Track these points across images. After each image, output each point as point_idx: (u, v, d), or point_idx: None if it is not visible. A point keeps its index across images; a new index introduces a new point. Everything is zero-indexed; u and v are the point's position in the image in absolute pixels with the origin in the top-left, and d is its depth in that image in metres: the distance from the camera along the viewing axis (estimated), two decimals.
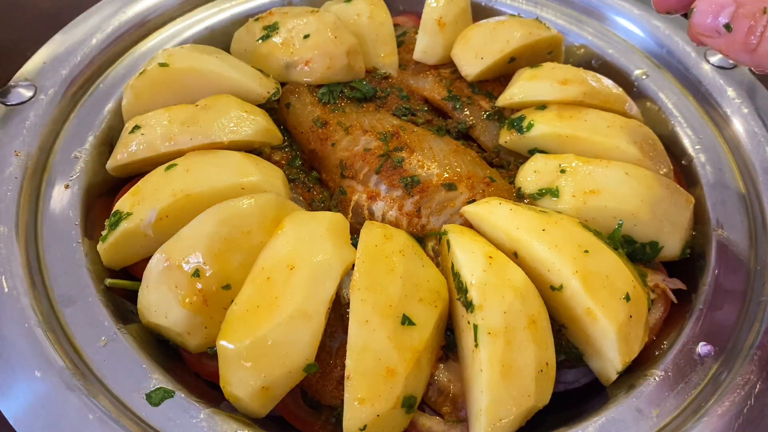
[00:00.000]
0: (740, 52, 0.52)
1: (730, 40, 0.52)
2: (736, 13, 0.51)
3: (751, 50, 0.51)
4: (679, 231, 0.68)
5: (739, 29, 0.51)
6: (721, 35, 0.52)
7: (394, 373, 0.53)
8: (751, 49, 0.51)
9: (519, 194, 0.70)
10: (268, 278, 0.57)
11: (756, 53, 0.51)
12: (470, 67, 0.82)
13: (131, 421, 0.55)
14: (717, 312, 0.66)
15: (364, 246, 0.60)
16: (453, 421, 0.60)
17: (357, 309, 0.55)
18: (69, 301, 0.63)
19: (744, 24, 0.50)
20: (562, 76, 0.77)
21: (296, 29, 0.80)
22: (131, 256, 0.67)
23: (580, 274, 0.57)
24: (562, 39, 0.84)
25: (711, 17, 0.52)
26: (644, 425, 0.58)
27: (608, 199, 0.66)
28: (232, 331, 0.55)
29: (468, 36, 0.83)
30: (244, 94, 0.76)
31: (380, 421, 0.52)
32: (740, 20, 0.51)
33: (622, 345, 0.58)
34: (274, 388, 0.54)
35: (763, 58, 0.51)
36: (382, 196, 0.70)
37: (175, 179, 0.65)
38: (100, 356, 0.59)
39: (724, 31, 0.52)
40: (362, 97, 0.80)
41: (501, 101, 0.79)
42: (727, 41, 0.52)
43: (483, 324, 0.55)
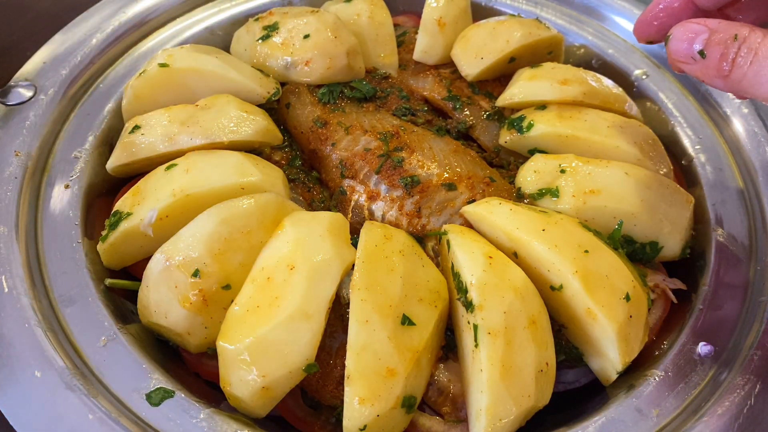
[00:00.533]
0: (714, 77, 0.53)
1: (704, 66, 0.53)
2: (709, 39, 0.52)
3: (724, 76, 0.52)
4: (679, 231, 0.68)
5: (712, 56, 0.52)
6: (696, 61, 0.53)
7: (394, 373, 0.53)
8: (724, 75, 0.52)
9: (519, 194, 0.70)
10: (268, 278, 0.57)
11: (729, 79, 0.52)
12: (470, 67, 0.82)
13: (131, 421, 0.55)
14: (717, 312, 0.66)
15: (364, 246, 0.60)
16: (453, 421, 0.60)
17: (357, 309, 0.55)
18: (69, 301, 0.63)
19: (717, 51, 0.52)
20: (562, 76, 0.77)
21: (296, 29, 0.80)
22: (131, 256, 0.67)
23: (580, 274, 0.57)
24: (562, 39, 0.84)
25: (686, 44, 0.53)
26: (644, 425, 0.58)
27: (608, 199, 0.66)
28: (232, 331, 0.55)
29: (468, 36, 0.83)
30: (244, 94, 0.76)
31: (380, 421, 0.52)
32: (713, 47, 0.52)
33: (622, 345, 0.58)
34: (274, 388, 0.54)
35: (735, 83, 0.52)
36: (382, 196, 0.70)
37: (175, 179, 0.65)
38: (100, 356, 0.59)
39: (699, 58, 0.53)
40: (362, 97, 0.80)
41: (501, 101, 0.79)
42: (702, 67, 0.53)
43: (483, 324, 0.55)
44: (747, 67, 0.51)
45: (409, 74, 0.86)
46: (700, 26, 0.53)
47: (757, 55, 0.50)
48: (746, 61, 0.51)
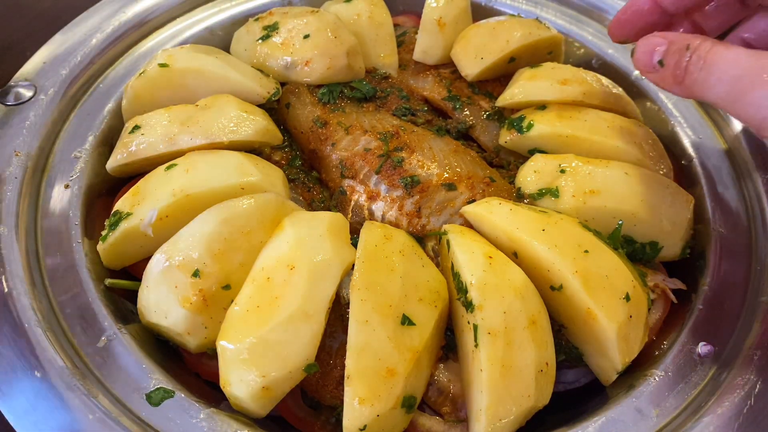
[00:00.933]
0: (671, 84, 0.59)
1: (662, 74, 0.59)
2: (667, 50, 0.58)
3: (679, 82, 0.58)
4: (679, 231, 0.68)
5: (668, 64, 0.58)
6: (657, 70, 0.59)
7: (394, 373, 0.53)
8: (679, 81, 0.58)
9: (519, 194, 0.70)
10: (268, 278, 0.57)
11: (683, 85, 0.57)
12: (470, 68, 0.81)
13: (131, 421, 0.55)
14: (717, 312, 0.66)
15: (364, 246, 0.60)
16: (453, 421, 0.60)
17: (357, 309, 0.55)
18: (69, 300, 0.63)
19: (672, 59, 0.58)
20: (561, 76, 0.77)
21: (296, 29, 0.80)
22: (131, 256, 0.67)
23: (580, 274, 0.57)
24: (562, 39, 0.84)
25: (648, 55, 0.60)
26: (644, 425, 0.58)
27: (608, 199, 0.66)
28: (232, 331, 0.55)
29: (468, 36, 0.83)
30: (244, 94, 0.76)
31: (380, 421, 0.52)
32: (669, 56, 0.58)
33: (622, 345, 0.58)
34: (275, 388, 0.54)
35: (688, 88, 0.57)
36: (382, 196, 0.70)
37: (175, 179, 0.65)
38: (100, 356, 0.59)
39: (659, 67, 0.59)
40: (362, 97, 0.80)
41: (501, 101, 0.79)
42: (661, 75, 0.59)
43: (483, 324, 0.55)
44: (697, 73, 0.56)
45: (409, 74, 0.86)
46: (660, 39, 0.59)
47: (705, 62, 0.55)
48: (696, 68, 0.56)
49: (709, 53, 0.55)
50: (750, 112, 0.54)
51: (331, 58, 0.78)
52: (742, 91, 0.53)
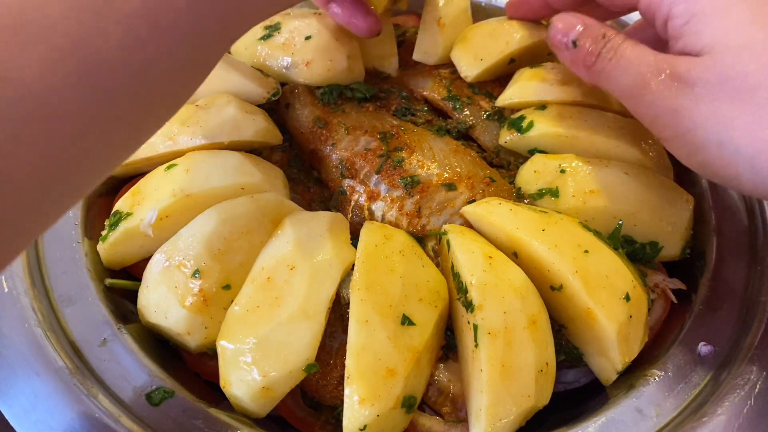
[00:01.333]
0: (580, 66, 0.61)
1: (574, 55, 0.61)
2: (582, 33, 0.60)
3: (588, 66, 0.60)
4: (679, 231, 0.68)
5: (581, 47, 0.60)
6: (569, 50, 0.61)
7: (394, 373, 0.53)
8: (588, 66, 0.60)
9: (519, 194, 0.70)
10: (269, 278, 0.57)
11: (591, 70, 0.59)
12: (469, 69, 0.81)
13: (131, 421, 0.55)
14: (717, 312, 0.66)
15: (364, 246, 0.60)
16: (453, 421, 0.60)
17: (357, 309, 0.55)
18: (69, 301, 0.63)
19: (587, 43, 0.59)
20: (562, 76, 0.77)
21: (298, 30, 0.80)
22: (131, 256, 0.67)
23: (580, 274, 0.57)
24: None
25: (562, 34, 0.61)
26: (644, 425, 0.58)
27: (608, 199, 0.66)
28: (233, 331, 0.55)
29: (467, 37, 0.82)
30: (244, 94, 0.76)
31: (380, 421, 0.52)
32: (584, 39, 0.60)
33: (622, 345, 0.58)
34: (275, 389, 0.54)
35: (595, 74, 0.59)
36: (382, 196, 0.70)
37: (175, 179, 0.65)
38: (100, 356, 0.59)
39: (572, 47, 0.61)
40: (362, 97, 0.80)
41: (501, 101, 0.79)
42: (572, 55, 0.61)
43: (483, 324, 0.55)
44: (607, 62, 0.58)
45: (409, 74, 0.86)
46: (577, 20, 0.61)
47: (616, 54, 0.57)
48: (607, 57, 0.58)
49: (620, 46, 0.57)
50: (643, 109, 0.56)
51: (332, 60, 0.78)
52: (641, 87, 0.55)
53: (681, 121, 0.53)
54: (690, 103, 0.52)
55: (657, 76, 0.54)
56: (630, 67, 0.56)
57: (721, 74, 0.50)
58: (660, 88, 0.54)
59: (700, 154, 0.53)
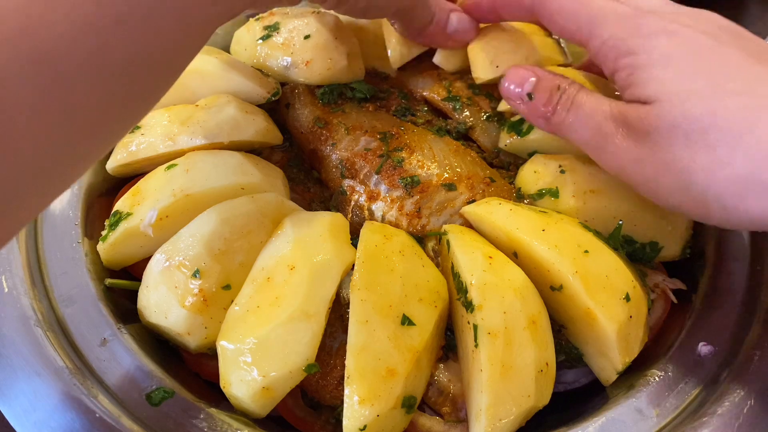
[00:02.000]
0: (538, 118, 0.61)
1: (531, 108, 0.62)
2: (536, 86, 0.61)
3: (547, 118, 0.60)
4: (679, 231, 0.68)
5: (538, 99, 0.60)
6: (524, 103, 0.62)
7: (394, 373, 0.53)
8: (547, 117, 0.60)
9: (519, 194, 0.70)
10: (268, 278, 0.57)
11: (550, 121, 0.60)
12: (483, 72, 0.79)
13: (131, 421, 0.55)
14: (717, 312, 0.66)
15: (364, 246, 0.60)
16: (453, 421, 0.60)
17: (357, 309, 0.55)
18: (69, 301, 0.63)
19: (543, 96, 0.60)
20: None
21: (297, 29, 0.79)
22: (131, 256, 0.67)
23: (580, 274, 0.57)
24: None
25: (516, 87, 0.62)
26: (644, 425, 0.58)
27: (608, 199, 0.66)
28: (232, 331, 0.55)
29: (489, 36, 0.79)
30: (244, 94, 0.76)
31: (380, 421, 0.52)
32: (540, 92, 0.60)
33: (622, 345, 0.58)
34: (275, 389, 0.54)
35: (555, 125, 0.60)
36: (382, 197, 0.70)
37: (175, 179, 0.65)
38: (100, 356, 0.59)
39: (527, 99, 0.61)
40: (362, 97, 0.80)
41: (502, 106, 0.79)
42: (529, 108, 0.62)
43: (483, 324, 0.55)
44: (565, 114, 0.59)
45: (409, 74, 0.85)
46: (529, 72, 0.62)
47: (573, 105, 0.58)
48: (564, 108, 0.59)
49: (576, 96, 0.58)
50: (608, 161, 0.57)
51: (332, 59, 0.78)
52: (602, 140, 0.56)
53: (645, 169, 0.54)
54: (649, 153, 0.53)
55: (615, 127, 0.55)
56: (588, 120, 0.57)
57: (670, 121, 0.51)
58: (619, 140, 0.55)
59: (670, 198, 0.54)
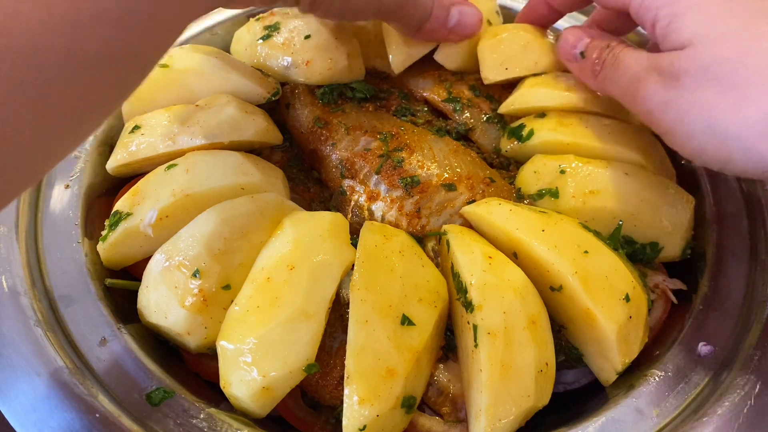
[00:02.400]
0: (587, 75, 0.66)
1: (582, 65, 0.67)
2: (589, 45, 0.66)
3: (595, 75, 0.65)
4: (679, 231, 0.68)
5: (588, 57, 0.66)
6: (577, 61, 0.67)
7: (394, 373, 0.53)
8: (595, 74, 0.65)
9: (519, 195, 0.70)
10: (268, 278, 0.57)
11: (597, 78, 0.65)
12: (491, 73, 0.79)
13: (131, 421, 0.55)
14: (717, 312, 0.66)
15: (364, 246, 0.60)
16: (452, 421, 0.60)
17: (357, 309, 0.55)
18: (69, 301, 0.63)
19: (593, 53, 0.65)
20: (564, 84, 0.76)
21: (297, 29, 0.79)
22: (131, 256, 0.67)
23: (579, 274, 0.57)
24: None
25: (571, 46, 0.68)
26: (644, 425, 0.58)
27: (608, 200, 0.66)
28: (232, 331, 0.55)
29: (501, 37, 0.80)
30: (244, 94, 0.76)
31: (380, 421, 0.52)
32: (591, 50, 0.66)
33: (622, 345, 0.58)
34: (275, 389, 0.54)
35: (600, 82, 0.65)
36: (382, 197, 0.70)
37: (175, 179, 0.65)
38: (100, 356, 0.59)
39: (580, 58, 0.67)
40: (362, 98, 0.80)
41: (503, 108, 0.78)
42: (580, 66, 0.67)
43: (482, 324, 0.55)
44: (609, 68, 0.63)
45: (409, 74, 0.85)
46: (584, 33, 0.67)
47: (616, 59, 0.62)
48: (610, 64, 0.63)
49: (621, 52, 0.62)
50: (639, 107, 0.59)
51: (332, 59, 0.78)
52: (636, 86, 0.59)
53: (670, 112, 0.56)
54: (676, 95, 0.55)
55: (648, 74, 0.58)
56: (627, 70, 0.60)
57: (701, 63, 0.53)
58: (650, 84, 0.57)
59: (693, 141, 0.55)
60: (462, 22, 0.73)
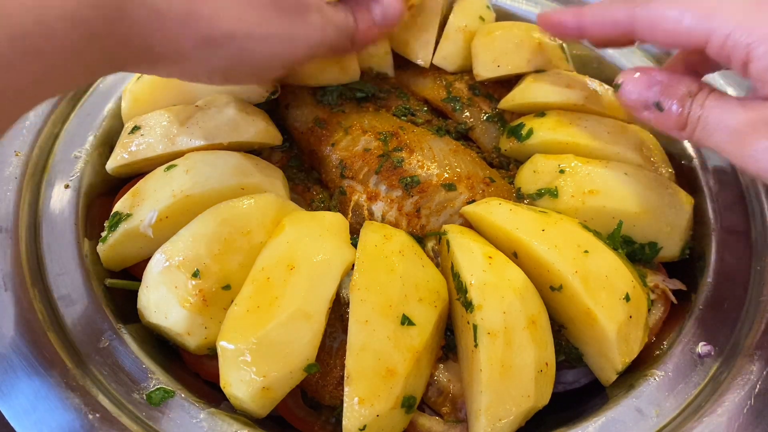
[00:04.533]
0: (672, 129, 0.57)
1: (663, 119, 0.58)
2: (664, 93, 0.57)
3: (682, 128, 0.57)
4: (679, 231, 0.68)
5: (670, 110, 0.56)
6: (652, 113, 0.58)
7: (394, 373, 0.53)
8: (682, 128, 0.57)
9: (519, 195, 0.70)
10: (268, 278, 0.57)
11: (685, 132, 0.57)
12: (484, 70, 0.80)
13: (131, 421, 0.55)
14: (717, 312, 0.66)
15: (364, 246, 0.60)
16: (452, 421, 0.60)
17: (357, 309, 0.55)
18: (69, 301, 0.63)
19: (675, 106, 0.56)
20: (565, 81, 0.77)
21: None
22: (131, 257, 0.67)
23: (579, 274, 0.57)
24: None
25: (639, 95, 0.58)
26: (644, 425, 0.58)
27: (607, 200, 0.66)
28: (232, 332, 0.55)
29: (494, 35, 0.80)
30: (243, 94, 0.76)
31: (380, 421, 0.52)
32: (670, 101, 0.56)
33: (622, 345, 0.58)
34: (275, 389, 0.54)
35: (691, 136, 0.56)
36: (381, 197, 0.70)
37: (175, 180, 0.65)
38: (100, 356, 0.59)
39: (655, 110, 0.57)
40: (362, 98, 0.80)
41: (503, 104, 0.79)
42: (661, 119, 0.58)
43: (482, 324, 0.55)
44: (700, 126, 0.55)
45: (409, 74, 0.85)
46: (650, 78, 0.58)
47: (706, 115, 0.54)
48: (698, 120, 0.55)
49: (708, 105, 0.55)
50: (752, 164, 0.53)
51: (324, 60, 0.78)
52: (741, 144, 0.52)
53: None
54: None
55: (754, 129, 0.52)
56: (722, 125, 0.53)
57: None
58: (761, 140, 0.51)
59: None
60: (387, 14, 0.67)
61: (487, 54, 0.80)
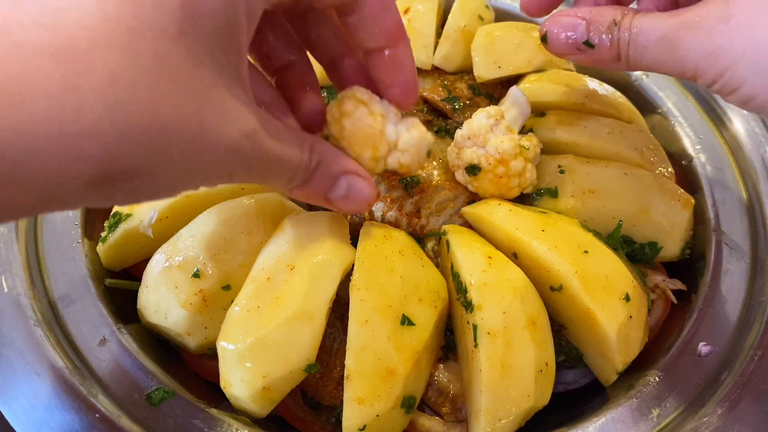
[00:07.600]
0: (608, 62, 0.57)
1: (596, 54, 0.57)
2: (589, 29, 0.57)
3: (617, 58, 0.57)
4: (679, 231, 0.68)
5: (601, 44, 0.56)
6: (585, 51, 0.58)
7: (394, 373, 0.53)
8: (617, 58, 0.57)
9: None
10: (268, 278, 0.57)
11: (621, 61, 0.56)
12: (485, 71, 0.80)
13: (131, 421, 0.55)
14: (717, 312, 0.66)
15: (364, 246, 0.60)
16: (452, 421, 0.60)
17: (356, 309, 0.55)
18: (69, 301, 0.63)
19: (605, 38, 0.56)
20: (565, 81, 0.77)
21: None
22: (131, 257, 0.67)
23: (579, 274, 0.57)
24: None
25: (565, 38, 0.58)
26: (644, 425, 0.58)
27: (607, 200, 0.66)
28: (232, 332, 0.55)
29: (494, 36, 0.81)
30: None
31: (380, 421, 0.53)
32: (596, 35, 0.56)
33: (622, 345, 0.58)
34: (275, 389, 0.54)
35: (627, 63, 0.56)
36: (381, 197, 0.70)
37: None
38: (100, 356, 0.59)
39: (586, 48, 0.57)
40: None
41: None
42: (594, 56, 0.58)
43: (482, 324, 0.55)
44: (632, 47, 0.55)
45: None
46: (573, 18, 0.57)
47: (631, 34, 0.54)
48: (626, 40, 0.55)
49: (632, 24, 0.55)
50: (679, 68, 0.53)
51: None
52: (673, 47, 0.53)
53: (719, 61, 0.51)
54: (726, 41, 0.50)
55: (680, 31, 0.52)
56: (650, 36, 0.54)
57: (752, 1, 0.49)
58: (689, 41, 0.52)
59: (744, 87, 0.51)
60: (348, 197, 0.54)
61: (488, 56, 0.80)
